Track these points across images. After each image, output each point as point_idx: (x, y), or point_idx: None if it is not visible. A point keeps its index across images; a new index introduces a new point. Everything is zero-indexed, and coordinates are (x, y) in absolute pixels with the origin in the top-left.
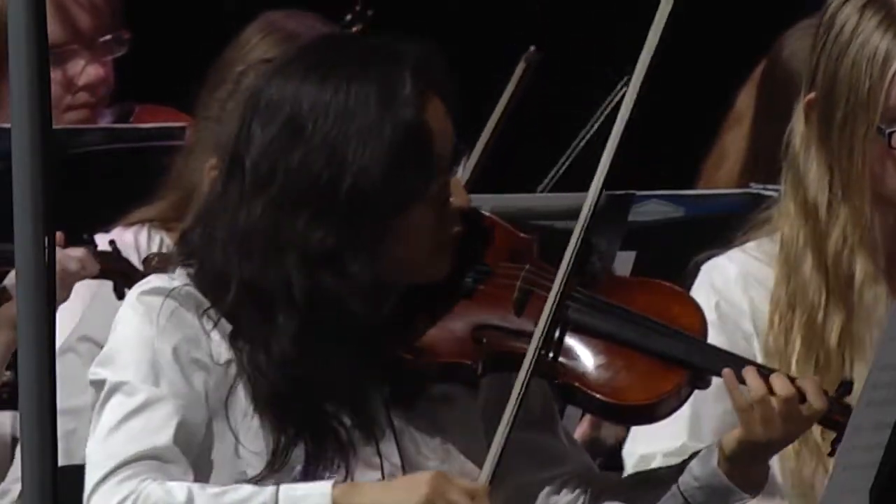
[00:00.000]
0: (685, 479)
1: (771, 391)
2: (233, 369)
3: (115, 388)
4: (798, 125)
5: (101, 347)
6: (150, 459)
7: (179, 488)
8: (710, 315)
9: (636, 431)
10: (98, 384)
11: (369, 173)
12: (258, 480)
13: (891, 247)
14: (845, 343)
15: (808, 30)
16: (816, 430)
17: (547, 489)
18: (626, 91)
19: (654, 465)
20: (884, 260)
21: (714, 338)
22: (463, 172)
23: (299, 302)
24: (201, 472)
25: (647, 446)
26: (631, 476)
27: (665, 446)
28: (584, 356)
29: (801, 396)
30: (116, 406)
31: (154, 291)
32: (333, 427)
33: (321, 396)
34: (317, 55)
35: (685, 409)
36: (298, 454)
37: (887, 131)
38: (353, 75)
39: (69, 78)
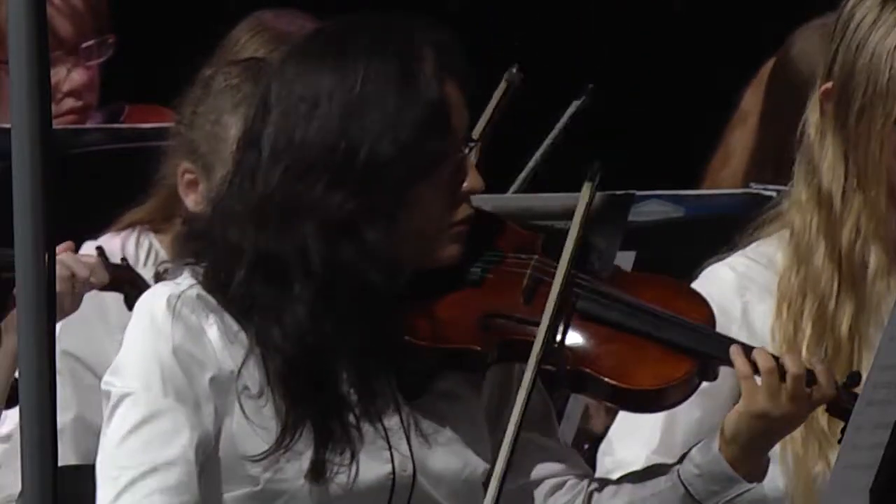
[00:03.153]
0: (686, 468)
1: (782, 368)
2: (239, 354)
3: (122, 398)
4: (813, 115)
5: (79, 361)
6: (161, 473)
7: None
8: None
9: (612, 434)
10: (106, 395)
11: (387, 141)
12: (264, 457)
13: None
14: (855, 333)
15: (818, 29)
16: (823, 418)
17: (545, 489)
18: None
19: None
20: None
21: None
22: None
23: (316, 270)
24: (207, 477)
25: (624, 450)
26: (631, 473)
27: (638, 452)
28: (594, 343)
29: (811, 379)
30: (123, 416)
31: (160, 297)
32: (341, 408)
33: (332, 373)
34: (335, 34)
35: (660, 415)
36: (307, 440)
37: None
38: (373, 51)
39: (53, 85)
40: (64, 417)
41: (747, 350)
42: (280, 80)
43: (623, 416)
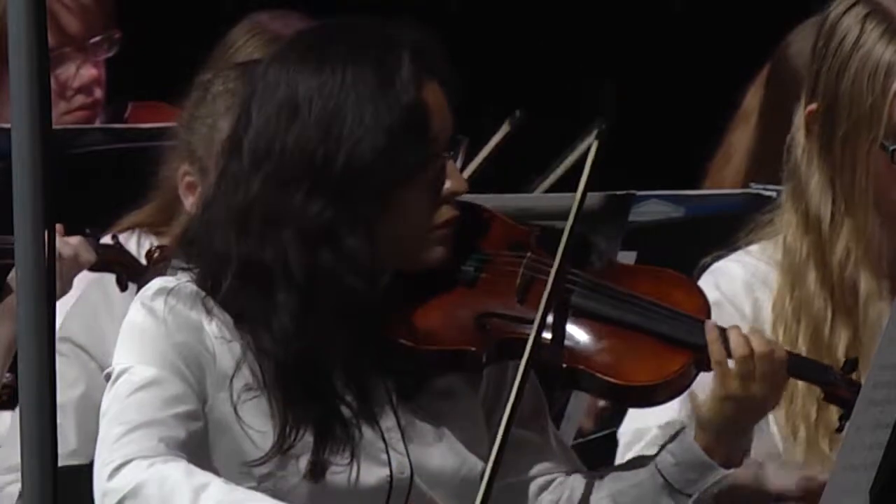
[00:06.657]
0: (663, 457)
1: (751, 351)
2: (235, 353)
3: (122, 372)
4: (799, 136)
5: (82, 349)
6: (159, 425)
7: (201, 473)
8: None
9: (631, 410)
10: (107, 377)
11: (364, 148)
12: (262, 462)
13: (894, 261)
14: (852, 355)
15: (815, 28)
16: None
17: (535, 488)
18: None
19: (648, 438)
20: (888, 274)
21: None
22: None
23: (297, 278)
24: (201, 455)
25: (641, 421)
26: (612, 466)
27: (658, 419)
28: (589, 340)
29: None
30: (123, 384)
31: (156, 293)
32: (339, 408)
33: (326, 374)
34: (314, 39)
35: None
36: (306, 443)
37: (891, 147)
38: (351, 57)
39: (63, 82)
40: (71, 393)
41: (722, 332)
42: (261, 86)
43: None
